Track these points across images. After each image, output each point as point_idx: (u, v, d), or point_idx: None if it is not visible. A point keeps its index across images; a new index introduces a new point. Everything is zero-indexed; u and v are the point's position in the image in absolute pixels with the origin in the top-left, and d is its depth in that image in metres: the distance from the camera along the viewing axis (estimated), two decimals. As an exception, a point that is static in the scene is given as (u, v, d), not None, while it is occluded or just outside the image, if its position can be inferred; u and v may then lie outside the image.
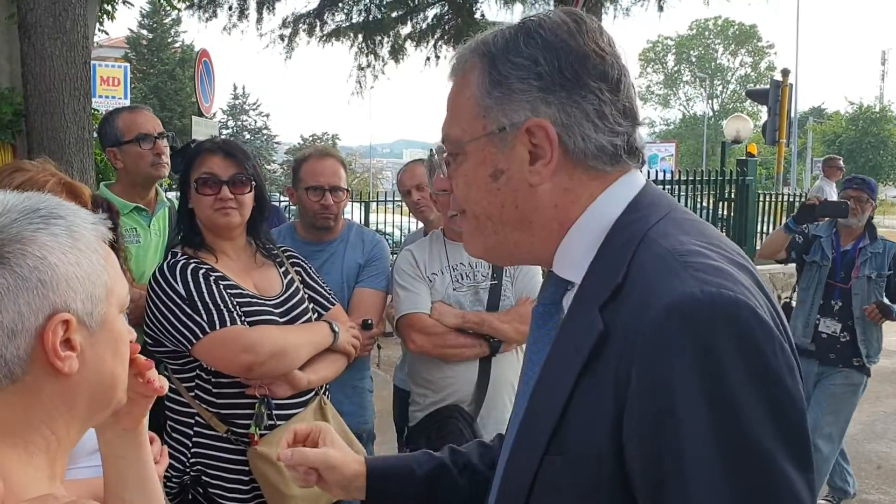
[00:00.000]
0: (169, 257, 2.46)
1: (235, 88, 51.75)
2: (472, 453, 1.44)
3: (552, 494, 1.01)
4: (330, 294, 2.69)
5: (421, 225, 4.09)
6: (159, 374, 1.27)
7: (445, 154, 1.17)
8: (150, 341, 2.36)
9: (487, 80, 1.08)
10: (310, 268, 2.70)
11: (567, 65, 1.05)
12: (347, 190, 3.21)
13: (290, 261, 2.66)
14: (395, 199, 11.36)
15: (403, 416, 3.23)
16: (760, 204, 11.79)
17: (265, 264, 2.56)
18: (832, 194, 10.23)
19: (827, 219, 4.78)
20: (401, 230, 12.20)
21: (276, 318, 2.43)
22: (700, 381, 0.89)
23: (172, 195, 3.67)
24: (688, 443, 0.89)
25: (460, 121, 1.13)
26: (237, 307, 2.36)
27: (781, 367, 0.91)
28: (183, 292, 2.32)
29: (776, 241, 5.04)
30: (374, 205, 12.66)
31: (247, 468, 2.36)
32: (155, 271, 2.42)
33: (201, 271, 2.38)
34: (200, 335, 2.28)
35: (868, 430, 6.35)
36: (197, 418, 2.38)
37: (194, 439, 2.39)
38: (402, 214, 11.96)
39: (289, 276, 2.59)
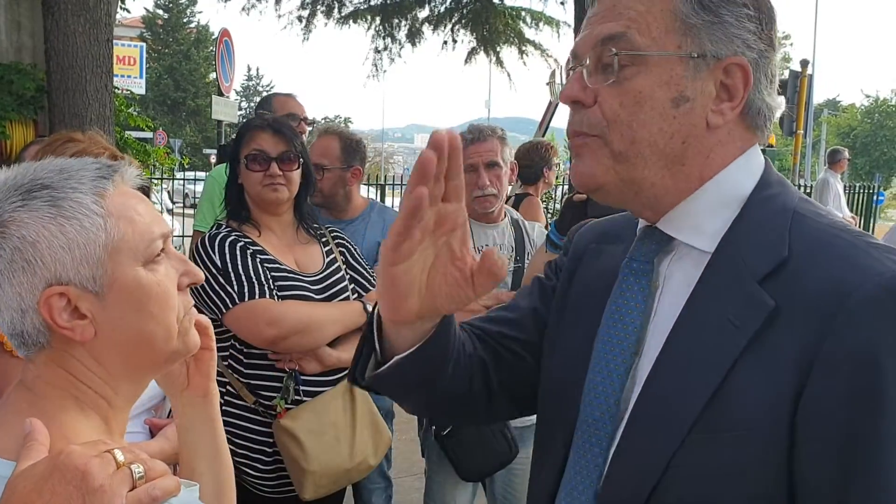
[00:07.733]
0: (213, 228, 2.51)
1: (249, 70, 51.79)
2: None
3: (691, 476, 0.94)
4: (372, 276, 2.68)
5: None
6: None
7: (609, 56, 1.00)
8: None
9: None
10: (354, 249, 2.72)
11: (767, 20, 1.02)
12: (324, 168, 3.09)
13: (336, 241, 2.69)
14: (405, 182, 11.31)
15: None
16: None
17: (309, 241, 2.59)
18: (838, 187, 10.10)
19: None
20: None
21: (312, 295, 2.46)
22: None
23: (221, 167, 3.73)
24: (890, 427, 0.85)
25: (649, 26, 0.99)
26: (271, 281, 2.39)
27: None
28: (219, 263, 2.37)
29: (539, 265, 2.95)
30: (387, 188, 12.61)
31: (271, 440, 2.39)
32: (197, 242, 2.47)
33: (239, 244, 2.42)
34: (231, 305, 2.33)
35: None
36: (228, 387, 2.42)
37: (223, 408, 2.41)
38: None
39: (331, 255, 2.62)
